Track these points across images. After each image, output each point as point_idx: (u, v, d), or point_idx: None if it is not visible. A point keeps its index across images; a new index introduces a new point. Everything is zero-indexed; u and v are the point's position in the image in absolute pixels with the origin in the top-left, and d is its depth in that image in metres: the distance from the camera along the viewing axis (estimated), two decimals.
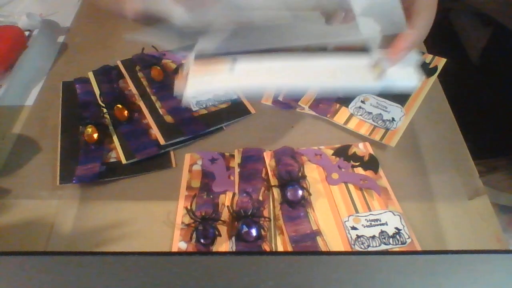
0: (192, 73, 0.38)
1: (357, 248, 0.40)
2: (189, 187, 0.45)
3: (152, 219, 0.43)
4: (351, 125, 0.50)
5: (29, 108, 0.55)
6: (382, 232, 0.41)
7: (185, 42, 0.39)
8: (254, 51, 0.39)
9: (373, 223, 0.42)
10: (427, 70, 0.56)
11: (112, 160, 0.48)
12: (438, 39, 0.46)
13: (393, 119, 0.50)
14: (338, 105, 0.52)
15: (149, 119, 0.51)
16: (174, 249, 0.40)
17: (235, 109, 0.53)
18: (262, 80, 0.40)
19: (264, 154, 0.47)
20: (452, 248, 0.41)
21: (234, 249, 0.40)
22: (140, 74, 0.56)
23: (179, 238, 0.41)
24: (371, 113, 0.51)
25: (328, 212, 0.43)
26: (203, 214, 0.42)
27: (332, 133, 0.51)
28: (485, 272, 0.29)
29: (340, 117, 0.51)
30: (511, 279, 0.29)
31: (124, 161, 0.47)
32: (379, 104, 0.52)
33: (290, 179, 0.44)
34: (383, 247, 0.40)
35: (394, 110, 0.51)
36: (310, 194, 0.44)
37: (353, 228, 0.41)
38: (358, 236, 0.41)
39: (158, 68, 0.55)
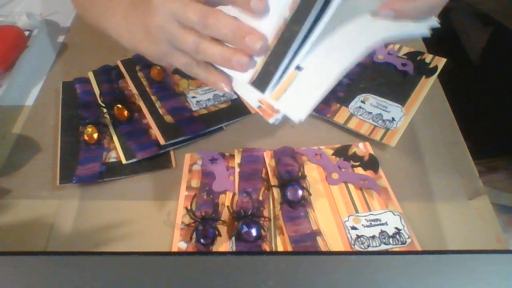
0: (272, 99, 0.33)
1: (357, 248, 0.40)
2: (189, 187, 0.45)
3: (152, 219, 0.43)
4: (351, 125, 0.50)
5: (29, 108, 0.55)
6: (382, 232, 0.41)
7: None
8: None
9: (373, 223, 0.42)
10: (427, 70, 0.56)
11: (112, 160, 0.48)
12: (438, 39, 0.46)
13: (393, 119, 0.50)
14: (338, 105, 0.52)
15: (149, 119, 0.51)
16: (174, 249, 0.40)
17: (235, 109, 0.53)
18: (333, 64, 0.35)
19: (264, 154, 0.47)
20: (452, 248, 0.41)
21: (234, 249, 0.40)
22: (140, 74, 0.56)
23: (179, 238, 0.41)
24: (371, 113, 0.51)
25: (328, 212, 0.43)
26: (203, 214, 0.42)
27: (332, 133, 0.51)
28: (485, 272, 0.29)
29: (340, 117, 0.51)
30: (511, 279, 0.29)
31: (124, 161, 0.47)
32: (379, 104, 0.52)
33: (290, 179, 0.44)
34: (383, 247, 0.40)
35: (394, 110, 0.51)
36: (310, 194, 0.44)
37: (353, 228, 0.41)
38: (358, 236, 0.41)
39: (158, 68, 0.55)
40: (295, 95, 0.33)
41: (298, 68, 0.34)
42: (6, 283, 0.28)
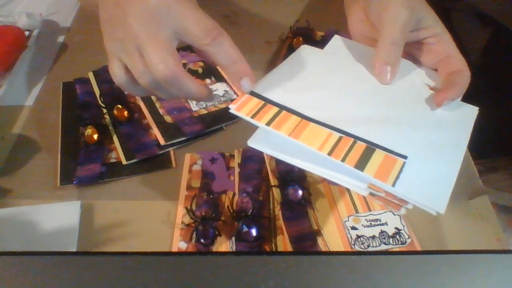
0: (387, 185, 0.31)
1: (357, 248, 0.40)
2: (189, 187, 0.45)
3: (152, 219, 0.43)
4: None
5: (29, 108, 0.55)
6: (382, 232, 0.41)
7: None
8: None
9: (373, 223, 0.42)
10: None
11: (112, 160, 0.48)
12: None
13: None
14: None
15: (149, 119, 0.51)
16: (174, 249, 0.40)
17: None
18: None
19: (264, 154, 0.47)
20: (452, 248, 0.41)
21: (234, 249, 0.40)
22: None
23: (179, 238, 0.41)
24: None
25: (328, 212, 0.43)
26: (203, 214, 0.42)
27: None
28: (485, 272, 0.29)
29: None
30: (511, 279, 0.29)
31: (124, 161, 0.47)
32: None
33: (290, 179, 0.44)
34: (383, 247, 0.40)
35: None
36: (310, 194, 0.44)
37: (353, 228, 0.41)
38: (358, 236, 0.41)
39: None
40: (420, 184, 0.32)
41: (399, 155, 0.33)
42: (6, 283, 0.28)
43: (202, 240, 0.40)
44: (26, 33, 0.62)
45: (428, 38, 0.40)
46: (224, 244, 0.41)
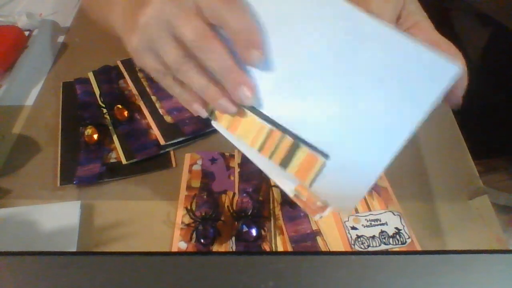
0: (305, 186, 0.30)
1: (357, 248, 0.40)
2: (189, 187, 0.45)
3: (152, 219, 0.43)
4: None
5: (29, 108, 0.55)
6: (382, 232, 0.41)
7: None
8: None
9: (373, 223, 0.42)
10: None
11: (112, 160, 0.48)
12: None
13: None
14: None
15: (149, 119, 0.51)
16: (174, 249, 0.40)
17: None
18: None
19: None
20: (452, 248, 0.41)
21: (234, 249, 0.40)
22: (140, 74, 0.56)
23: (179, 238, 0.41)
24: None
25: None
26: (203, 214, 0.42)
27: None
28: (485, 272, 0.29)
29: None
30: (511, 279, 0.29)
31: (124, 161, 0.47)
32: None
33: None
34: (383, 247, 0.40)
35: None
36: None
37: (353, 228, 0.41)
38: (358, 236, 0.41)
39: None
40: (335, 186, 0.29)
41: (322, 154, 0.29)
42: (6, 283, 0.28)
43: (202, 240, 0.40)
44: (26, 33, 0.62)
45: (409, 29, 0.38)
46: (224, 244, 0.41)
